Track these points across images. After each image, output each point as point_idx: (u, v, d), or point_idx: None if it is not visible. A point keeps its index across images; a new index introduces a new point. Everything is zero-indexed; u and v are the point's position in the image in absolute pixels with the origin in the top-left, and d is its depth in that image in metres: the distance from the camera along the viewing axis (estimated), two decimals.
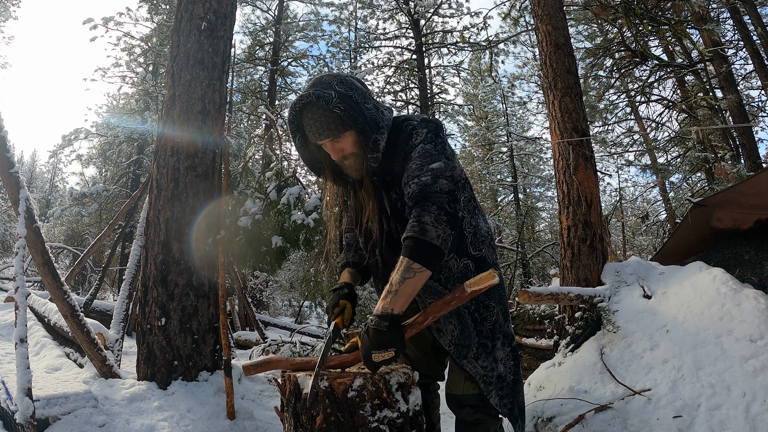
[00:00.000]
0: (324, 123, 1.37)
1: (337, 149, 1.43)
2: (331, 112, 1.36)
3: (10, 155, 2.50)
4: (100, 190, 11.23)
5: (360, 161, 1.45)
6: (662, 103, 9.10)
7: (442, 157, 1.38)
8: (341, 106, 1.33)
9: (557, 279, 4.00)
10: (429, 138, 1.41)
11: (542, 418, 2.49)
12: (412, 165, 1.38)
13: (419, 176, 1.34)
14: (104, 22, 10.83)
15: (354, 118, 1.35)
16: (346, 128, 1.39)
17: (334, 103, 1.33)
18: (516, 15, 7.20)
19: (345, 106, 1.34)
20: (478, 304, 1.51)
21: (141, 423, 2.52)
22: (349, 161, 1.45)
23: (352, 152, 1.43)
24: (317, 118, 1.37)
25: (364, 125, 1.37)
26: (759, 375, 2.10)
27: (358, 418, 1.18)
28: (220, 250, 3.16)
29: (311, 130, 1.40)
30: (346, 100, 1.35)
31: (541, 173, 16.76)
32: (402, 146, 1.44)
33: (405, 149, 1.43)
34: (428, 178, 1.33)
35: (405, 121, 1.49)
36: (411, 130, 1.45)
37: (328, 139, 1.40)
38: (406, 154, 1.43)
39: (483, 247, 1.55)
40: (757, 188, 2.90)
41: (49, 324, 4.62)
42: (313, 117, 1.37)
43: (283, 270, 10.05)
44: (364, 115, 1.37)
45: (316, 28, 14.78)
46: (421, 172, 1.35)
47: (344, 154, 1.44)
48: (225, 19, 3.51)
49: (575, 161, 3.59)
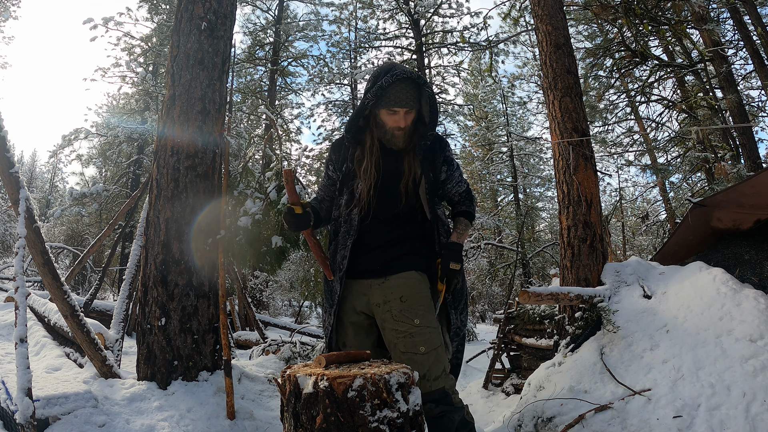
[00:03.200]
0: (412, 96, 1.80)
1: (404, 119, 1.82)
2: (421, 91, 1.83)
3: (10, 155, 2.50)
4: (100, 190, 11.23)
5: (408, 136, 1.87)
6: (662, 103, 9.10)
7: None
8: (430, 95, 1.84)
9: (557, 279, 4.00)
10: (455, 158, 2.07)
11: (542, 418, 2.49)
12: (457, 173, 2.01)
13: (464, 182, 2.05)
14: (104, 22, 10.83)
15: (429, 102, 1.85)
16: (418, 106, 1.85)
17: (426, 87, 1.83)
18: (516, 15, 7.20)
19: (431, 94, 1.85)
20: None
21: (141, 423, 2.52)
22: (401, 132, 1.84)
23: (408, 126, 1.85)
24: (409, 90, 1.79)
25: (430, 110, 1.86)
26: (759, 375, 2.10)
27: (358, 418, 1.18)
28: (220, 250, 3.16)
29: (398, 96, 1.78)
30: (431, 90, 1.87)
31: (541, 173, 16.77)
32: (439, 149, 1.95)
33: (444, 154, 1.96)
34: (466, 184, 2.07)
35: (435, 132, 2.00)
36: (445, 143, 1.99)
37: (406, 109, 1.80)
38: (446, 158, 1.96)
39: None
40: (757, 188, 2.90)
41: (49, 324, 4.62)
42: (407, 88, 1.78)
43: (283, 270, 10.06)
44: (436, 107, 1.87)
45: (316, 28, 14.79)
46: (462, 179, 2.04)
47: (404, 126, 1.83)
48: (225, 19, 3.51)
49: (575, 161, 3.59)
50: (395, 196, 1.86)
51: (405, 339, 1.69)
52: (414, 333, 1.69)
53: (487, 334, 10.33)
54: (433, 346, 1.71)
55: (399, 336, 1.70)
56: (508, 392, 4.04)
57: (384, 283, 1.78)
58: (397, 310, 1.72)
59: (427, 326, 1.72)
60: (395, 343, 1.71)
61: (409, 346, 1.68)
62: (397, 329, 1.71)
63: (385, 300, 1.76)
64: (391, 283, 1.77)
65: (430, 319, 1.74)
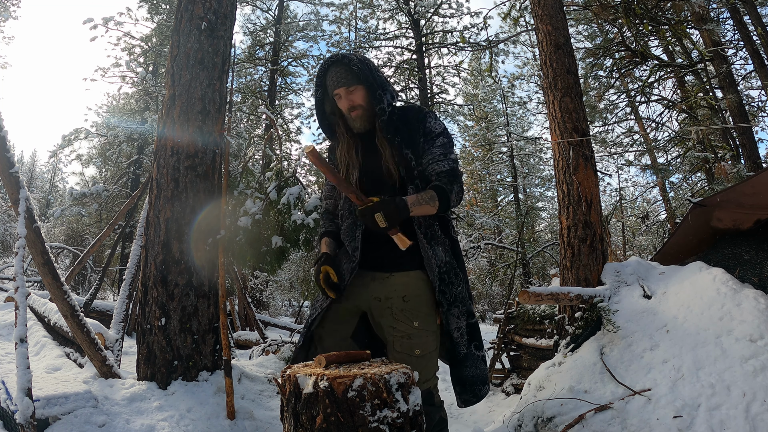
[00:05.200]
0: (343, 75, 1.75)
1: (348, 99, 1.77)
2: (350, 69, 1.75)
3: (10, 155, 2.50)
4: (100, 190, 11.22)
5: (366, 115, 1.79)
6: (662, 103, 9.10)
7: (455, 151, 1.84)
8: (359, 65, 1.74)
9: (557, 279, 4.00)
10: (445, 133, 1.82)
11: (542, 418, 2.49)
12: (437, 151, 1.78)
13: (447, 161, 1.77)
14: (104, 22, 10.83)
15: (365, 76, 1.75)
16: (359, 82, 1.76)
17: (354, 63, 1.74)
18: (516, 15, 7.20)
19: (361, 66, 1.75)
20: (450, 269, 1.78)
21: (141, 423, 2.52)
22: (356, 113, 1.78)
23: (361, 104, 1.78)
24: (339, 71, 1.75)
25: (372, 82, 1.76)
26: (759, 375, 2.10)
27: (358, 418, 1.18)
28: (220, 250, 3.16)
29: (332, 80, 1.76)
30: (363, 62, 1.77)
31: (541, 173, 16.78)
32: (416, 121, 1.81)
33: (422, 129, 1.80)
34: (453, 164, 1.78)
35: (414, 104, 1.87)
36: (424, 113, 1.84)
37: (343, 88, 1.75)
38: (426, 134, 1.80)
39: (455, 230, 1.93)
40: (757, 188, 2.90)
41: (49, 324, 4.62)
42: (336, 70, 1.76)
43: (283, 270, 10.06)
44: (374, 76, 1.77)
45: (316, 28, 14.78)
46: (446, 158, 1.78)
47: (353, 105, 1.77)
48: (225, 19, 3.51)
49: (575, 161, 3.59)
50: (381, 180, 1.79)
51: (402, 339, 1.69)
52: (412, 335, 1.69)
53: (487, 334, 10.30)
54: (429, 349, 1.71)
55: (396, 335, 1.70)
56: (508, 392, 4.04)
57: (388, 279, 1.75)
58: (398, 309, 1.71)
59: (426, 329, 1.71)
60: (391, 341, 1.71)
61: (405, 347, 1.68)
62: (395, 327, 1.70)
63: (386, 296, 1.74)
64: (395, 280, 1.75)
65: (429, 323, 1.74)
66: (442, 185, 1.70)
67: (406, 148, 1.77)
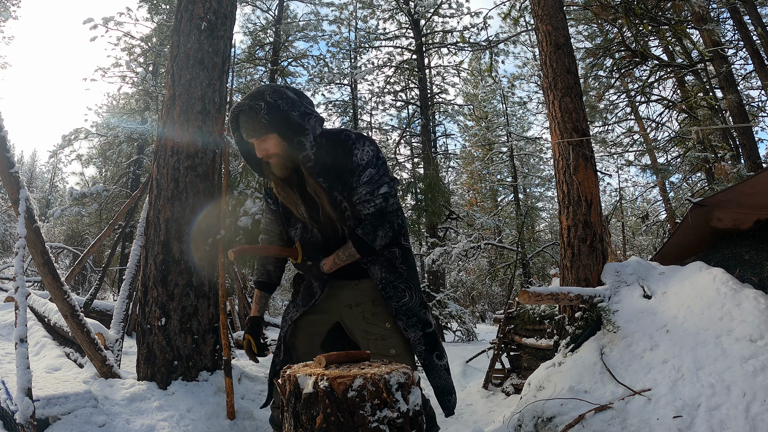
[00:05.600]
0: (251, 126, 1.65)
1: (261, 148, 1.67)
2: (258, 121, 1.63)
3: (10, 155, 2.50)
4: (100, 190, 11.23)
5: (282, 162, 1.69)
6: (662, 103, 9.10)
7: (386, 178, 1.69)
8: (267, 117, 1.61)
9: (557, 279, 4.00)
10: (373, 162, 1.67)
11: (542, 418, 2.49)
12: (363, 190, 1.65)
13: (373, 200, 1.65)
14: (104, 22, 10.84)
15: (277, 124, 1.62)
16: (270, 131, 1.64)
17: (261, 114, 1.61)
18: (516, 15, 7.20)
19: (271, 115, 1.62)
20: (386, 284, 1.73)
21: (141, 423, 2.52)
22: (273, 161, 1.70)
23: (276, 153, 1.68)
24: (247, 120, 1.65)
25: (286, 130, 1.64)
26: (759, 375, 2.10)
27: (358, 418, 1.18)
28: (220, 250, 3.16)
29: (244, 128, 1.68)
30: (272, 109, 1.62)
31: (541, 173, 16.79)
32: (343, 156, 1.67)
33: (349, 164, 1.66)
34: (381, 202, 1.66)
35: (342, 132, 1.73)
36: (351, 144, 1.68)
37: (255, 139, 1.67)
38: (353, 170, 1.66)
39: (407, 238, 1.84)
40: (757, 188, 2.90)
41: (49, 324, 4.62)
42: (245, 121, 1.66)
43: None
44: (288, 122, 1.64)
45: (316, 28, 14.77)
46: (373, 196, 1.65)
47: (268, 154, 1.68)
48: (225, 19, 3.51)
49: (575, 161, 3.59)
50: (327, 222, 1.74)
51: (377, 341, 1.74)
52: (386, 336, 1.75)
53: (487, 334, 10.34)
54: (403, 348, 1.77)
55: (370, 338, 1.75)
56: (508, 392, 4.04)
57: (357, 285, 1.80)
58: (369, 313, 1.77)
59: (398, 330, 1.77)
60: (366, 344, 1.75)
61: (380, 348, 1.73)
62: (369, 331, 1.76)
63: (357, 302, 1.79)
64: (364, 285, 1.79)
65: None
66: (363, 236, 1.64)
67: (335, 190, 1.69)
